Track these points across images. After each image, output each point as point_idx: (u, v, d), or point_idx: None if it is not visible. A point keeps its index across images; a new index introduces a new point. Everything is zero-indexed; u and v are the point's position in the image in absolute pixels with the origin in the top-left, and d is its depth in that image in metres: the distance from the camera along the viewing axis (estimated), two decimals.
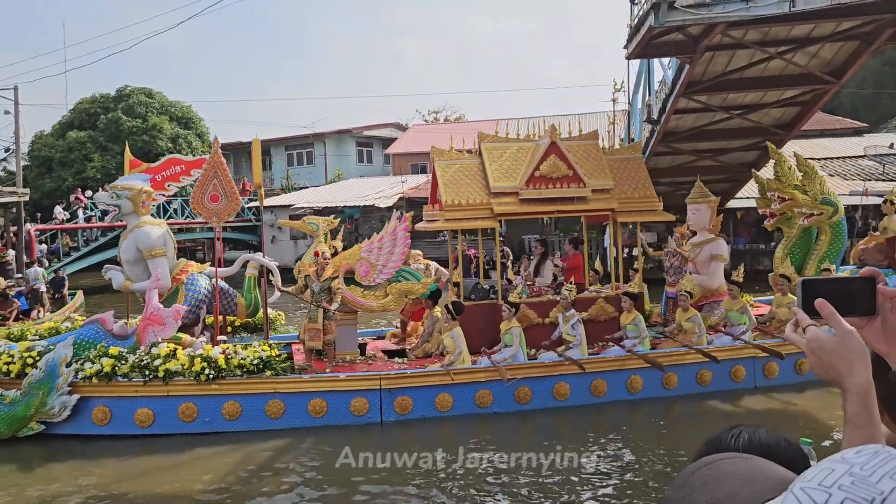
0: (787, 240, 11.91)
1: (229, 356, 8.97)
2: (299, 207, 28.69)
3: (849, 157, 27.62)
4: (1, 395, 8.58)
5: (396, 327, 11.94)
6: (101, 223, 26.00)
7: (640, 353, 9.85)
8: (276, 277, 10.93)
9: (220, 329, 10.81)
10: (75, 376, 8.72)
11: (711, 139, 17.18)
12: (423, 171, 34.78)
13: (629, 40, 12.82)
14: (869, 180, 24.07)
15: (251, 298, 11.03)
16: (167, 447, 8.50)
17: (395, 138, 40.97)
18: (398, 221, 10.35)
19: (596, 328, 10.56)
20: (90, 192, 26.49)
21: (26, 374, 8.66)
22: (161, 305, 9.22)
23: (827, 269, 11.12)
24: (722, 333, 10.47)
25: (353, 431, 8.87)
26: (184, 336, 9.48)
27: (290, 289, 10.19)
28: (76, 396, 8.67)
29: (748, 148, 17.01)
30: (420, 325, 11.16)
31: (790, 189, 11.38)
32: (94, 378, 8.72)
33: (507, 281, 11.31)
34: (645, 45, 12.29)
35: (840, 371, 1.19)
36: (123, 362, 8.79)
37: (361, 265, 10.22)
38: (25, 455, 8.36)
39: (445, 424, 9.19)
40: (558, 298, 10.29)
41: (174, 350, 8.90)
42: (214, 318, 10.28)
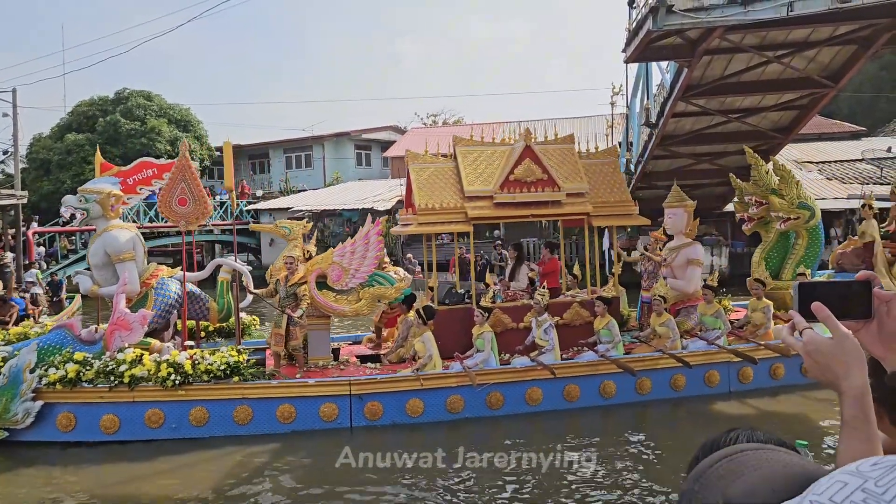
0: (764, 244, 11.83)
1: (196, 361, 8.91)
2: (297, 210, 28.70)
3: (846, 161, 27.53)
4: None
5: (373, 332, 11.87)
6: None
7: (613, 357, 9.76)
8: (247, 280, 10.88)
9: (193, 334, 10.76)
10: (39, 382, 8.65)
11: (709, 143, 17.14)
12: None
13: (627, 44, 12.77)
14: (867, 184, 23.97)
15: (223, 303, 10.98)
16: (136, 454, 8.40)
17: (394, 141, 40.94)
18: (371, 225, 10.29)
19: (571, 333, 10.47)
20: None
21: None
22: (128, 310, 9.15)
23: (802, 274, 11.03)
24: (697, 338, 10.36)
25: (321, 436, 8.80)
26: (153, 341, 9.43)
27: (261, 291, 10.15)
28: (40, 403, 8.58)
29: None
30: (395, 329, 11.09)
31: (767, 193, 11.28)
32: (59, 384, 8.64)
33: (484, 285, 11.24)
34: (643, 49, 12.24)
35: (837, 374, 1.18)
36: (88, 368, 8.70)
37: (334, 269, 10.15)
38: None
39: (416, 430, 9.11)
40: (532, 303, 10.21)
41: (140, 355, 8.82)
42: (183, 323, 10.23)
